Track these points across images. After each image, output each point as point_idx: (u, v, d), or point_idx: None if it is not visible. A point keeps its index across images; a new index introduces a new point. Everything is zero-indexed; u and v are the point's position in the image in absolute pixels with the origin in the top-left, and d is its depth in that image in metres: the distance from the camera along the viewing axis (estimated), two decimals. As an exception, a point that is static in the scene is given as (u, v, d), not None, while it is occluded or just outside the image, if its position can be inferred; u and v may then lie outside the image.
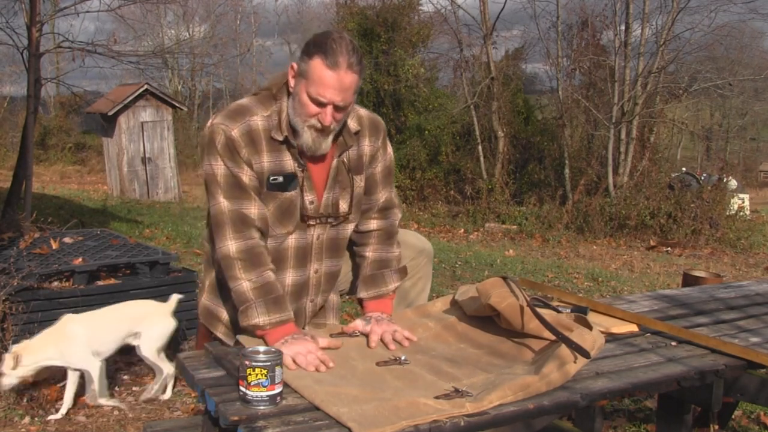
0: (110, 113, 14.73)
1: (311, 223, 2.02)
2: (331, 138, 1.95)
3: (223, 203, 1.91)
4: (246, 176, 1.91)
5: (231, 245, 1.89)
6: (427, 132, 16.57)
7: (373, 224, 2.15)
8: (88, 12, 9.42)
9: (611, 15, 15.32)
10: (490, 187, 14.97)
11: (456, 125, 16.87)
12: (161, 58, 14.90)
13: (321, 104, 1.86)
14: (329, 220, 2.04)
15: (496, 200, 14.48)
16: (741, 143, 32.67)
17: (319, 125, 1.89)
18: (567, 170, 15.22)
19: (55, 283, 4.03)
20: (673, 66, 15.53)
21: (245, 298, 1.87)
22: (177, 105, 16.40)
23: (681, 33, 14.84)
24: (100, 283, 4.24)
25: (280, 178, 1.94)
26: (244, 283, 1.87)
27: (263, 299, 1.86)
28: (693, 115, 24.49)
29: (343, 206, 2.05)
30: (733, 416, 3.11)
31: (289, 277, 2.04)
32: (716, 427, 2.79)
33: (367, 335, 1.98)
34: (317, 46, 1.85)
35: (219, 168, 1.91)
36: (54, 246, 4.64)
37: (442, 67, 18.88)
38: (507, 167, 15.98)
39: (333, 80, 1.83)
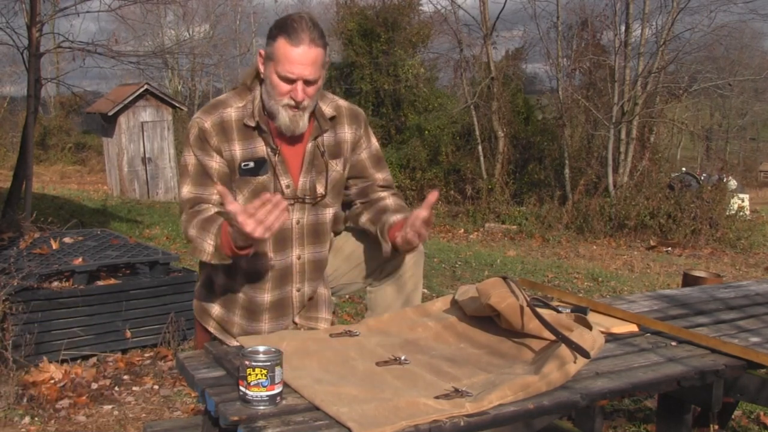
0: (110, 113, 14.72)
1: (289, 203, 2.04)
2: (307, 116, 2.00)
3: (187, 189, 1.99)
4: (215, 163, 1.98)
5: (183, 217, 1.98)
6: (427, 132, 16.57)
7: (383, 194, 2.20)
8: (88, 12, 9.41)
9: (611, 15, 15.31)
10: (490, 187, 14.95)
11: (456, 125, 16.87)
12: (161, 58, 14.89)
13: (291, 81, 1.93)
14: (306, 199, 2.07)
15: (496, 200, 14.46)
16: (741, 143, 32.71)
17: (292, 102, 1.95)
18: (567, 170, 15.21)
19: (55, 283, 4.04)
20: (673, 66, 15.50)
21: (194, 243, 1.91)
22: (177, 105, 16.39)
23: (681, 33, 14.83)
24: (100, 283, 4.25)
25: (251, 164, 2.01)
26: (190, 231, 1.93)
27: (203, 231, 1.89)
28: (693, 115, 24.49)
29: (320, 189, 2.10)
30: (733, 416, 3.11)
31: (271, 260, 2.07)
32: (716, 427, 2.79)
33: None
34: (279, 27, 1.94)
35: (190, 158, 2.01)
36: (54, 246, 4.64)
37: (442, 67, 18.92)
38: (507, 167, 15.95)
39: (298, 56, 1.90)
